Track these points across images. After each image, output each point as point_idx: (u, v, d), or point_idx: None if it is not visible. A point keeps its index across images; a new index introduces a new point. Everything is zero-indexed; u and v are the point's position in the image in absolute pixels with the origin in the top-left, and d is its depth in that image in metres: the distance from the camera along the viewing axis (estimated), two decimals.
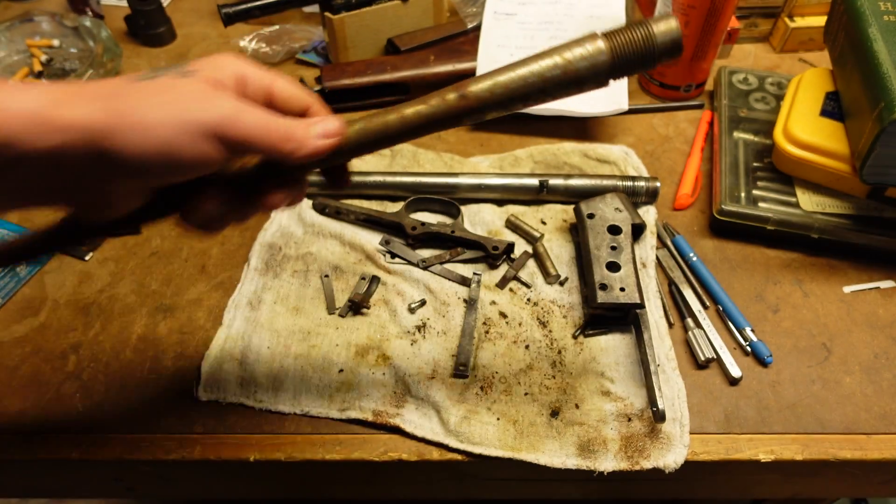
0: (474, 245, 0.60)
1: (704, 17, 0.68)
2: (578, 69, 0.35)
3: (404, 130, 0.37)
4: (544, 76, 0.36)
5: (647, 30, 0.35)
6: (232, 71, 0.35)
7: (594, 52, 0.35)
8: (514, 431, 0.49)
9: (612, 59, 0.35)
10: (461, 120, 0.37)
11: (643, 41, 0.35)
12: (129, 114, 0.30)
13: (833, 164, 0.59)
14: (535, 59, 0.36)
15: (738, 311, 0.55)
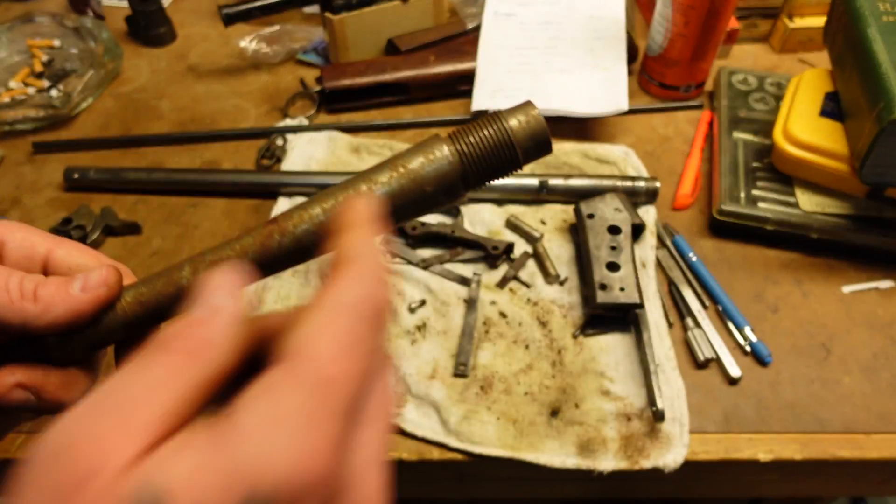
0: (474, 245, 0.60)
1: (704, 17, 0.68)
2: (425, 180, 0.27)
3: None
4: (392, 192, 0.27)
5: (500, 125, 0.28)
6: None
7: (439, 160, 0.27)
8: (514, 431, 0.49)
9: (463, 168, 0.27)
10: (280, 266, 0.29)
11: (498, 140, 0.27)
12: None
13: (832, 164, 0.59)
14: (350, 186, 0.28)
15: (737, 311, 0.56)
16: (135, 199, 0.68)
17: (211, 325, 0.20)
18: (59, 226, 0.63)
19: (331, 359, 0.19)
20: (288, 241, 0.28)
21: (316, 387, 0.18)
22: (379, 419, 0.21)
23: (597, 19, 0.77)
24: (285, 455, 0.16)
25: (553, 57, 0.75)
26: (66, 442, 0.17)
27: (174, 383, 0.19)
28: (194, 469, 0.16)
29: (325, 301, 0.20)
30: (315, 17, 0.90)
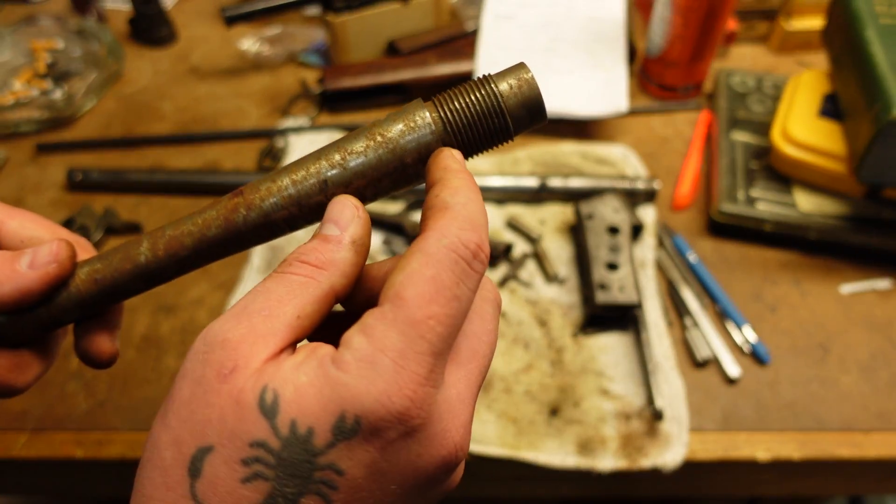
0: None
1: (703, 19, 0.69)
2: (405, 151, 0.25)
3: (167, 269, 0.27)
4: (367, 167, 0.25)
5: (490, 89, 0.25)
6: None
7: (421, 128, 0.25)
8: (514, 430, 0.49)
9: (447, 138, 0.25)
10: (246, 243, 0.27)
11: (488, 106, 0.25)
12: None
13: (830, 164, 0.59)
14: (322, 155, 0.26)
15: (736, 311, 0.56)
16: (136, 199, 0.68)
17: (337, 244, 0.23)
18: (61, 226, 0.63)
19: (421, 303, 0.21)
20: (254, 215, 0.25)
21: (407, 329, 0.20)
22: (472, 363, 0.23)
23: (596, 21, 0.77)
24: (375, 389, 0.19)
25: (553, 58, 0.75)
26: (221, 337, 0.21)
27: (304, 292, 0.22)
28: (306, 385, 0.20)
29: (420, 247, 0.22)
30: (316, 19, 0.91)
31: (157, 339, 0.56)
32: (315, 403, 0.20)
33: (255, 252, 0.61)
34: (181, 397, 0.21)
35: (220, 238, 0.26)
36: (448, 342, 0.21)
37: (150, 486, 0.20)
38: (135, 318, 0.57)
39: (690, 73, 0.75)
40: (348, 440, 0.19)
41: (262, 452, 0.19)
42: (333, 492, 0.20)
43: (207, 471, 0.20)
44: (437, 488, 0.23)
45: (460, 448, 0.22)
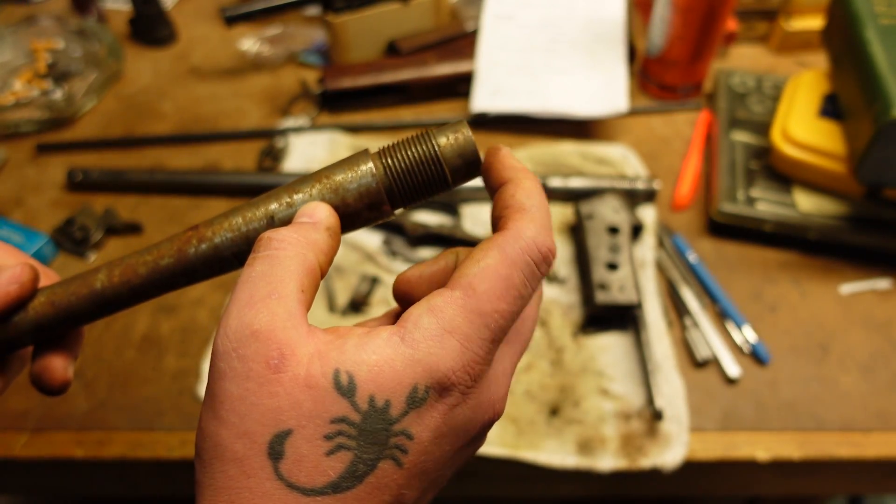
0: (474, 245, 0.60)
1: (702, 19, 0.69)
2: (347, 193, 0.27)
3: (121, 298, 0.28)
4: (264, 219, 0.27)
5: (430, 144, 0.27)
6: None
7: (364, 174, 0.27)
8: (514, 430, 0.49)
9: (388, 184, 0.27)
10: (196, 275, 0.29)
11: (426, 160, 0.27)
12: None
13: (830, 164, 0.59)
14: (273, 197, 0.27)
15: (736, 311, 0.56)
16: (137, 199, 0.68)
17: (316, 229, 0.26)
18: (62, 226, 0.63)
19: (492, 298, 0.23)
20: (205, 247, 0.27)
21: (474, 317, 0.23)
22: (516, 343, 0.26)
23: (596, 21, 0.77)
24: (446, 361, 0.22)
25: (552, 58, 0.75)
26: (249, 331, 0.22)
27: (299, 267, 0.24)
28: (375, 362, 0.22)
29: (498, 244, 0.25)
30: (316, 19, 0.91)
31: (158, 339, 0.56)
32: (391, 378, 0.22)
33: None
34: (231, 395, 0.22)
35: (171, 268, 0.28)
36: (506, 332, 0.24)
37: (226, 478, 0.22)
38: (135, 319, 0.57)
39: (690, 73, 0.75)
40: (419, 408, 0.22)
41: (344, 426, 0.21)
42: (404, 455, 0.22)
43: (290, 451, 0.21)
44: (473, 446, 0.26)
45: (498, 413, 0.25)
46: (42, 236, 0.61)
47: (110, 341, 0.56)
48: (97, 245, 0.63)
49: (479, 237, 0.61)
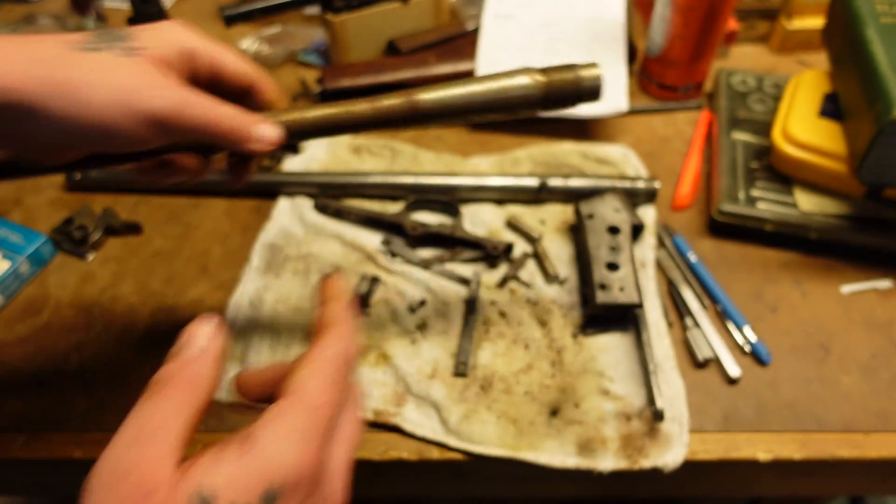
0: (474, 245, 0.60)
1: (703, 18, 0.69)
2: (515, 97, 0.41)
3: (349, 125, 0.40)
4: (486, 97, 0.41)
5: (575, 74, 0.42)
6: (180, 47, 0.35)
7: (531, 84, 0.42)
8: (514, 430, 0.49)
9: (545, 94, 0.42)
10: (406, 124, 0.41)
11: (571, 83, 0.42)
12: (68, 86, 0.30)
13: (831, 164, 0.59)
14: (480, 80, 0.41)
15: (736, 311, 0.56)
16: (136, 199, 0.68)
17: (201, 363, 0.27)
18: (60, 226, 0.63)
19: (319, 393, 0.27)
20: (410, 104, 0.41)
21: (309, 412, 0.26)
22: (348, 438, 0.30)
23: (596, 21, 0.77)
24: (290, 458, 0.25)
25: (553, 58, 0.75)
26: (120, 468, 0.24)
27: (184, 410, 0.26)
28: (229, 473, 0.24)
29: (315, 354, 0.29)
30: (316, 19, 0.91)
31: (157, 339, 0.55)
32: (246, 483, 0.24)
33: (255, 253, 0.61)
34: None
35: (387, 116, 0.40)
36: (336, 422, 0.28)
37: None
38: (134, 319, 0.57)
39: (691, 72, 0.75)
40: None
41: None
42: None
43: None
44: None
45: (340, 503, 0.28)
46: (41, 236, 0.61)
47: (109, 342, 0.55)
48: (96, 245, 0.63)
49: (479, 237, 0.61)
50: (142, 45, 0.33)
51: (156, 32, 0.35)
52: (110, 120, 0.31)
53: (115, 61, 0.32)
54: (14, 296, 0.59)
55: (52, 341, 0.56)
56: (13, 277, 0.59)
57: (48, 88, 0.30)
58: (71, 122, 0.31)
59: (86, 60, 0.31)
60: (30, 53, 0.30)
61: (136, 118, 0.32)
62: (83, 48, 0.31)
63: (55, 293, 0.59)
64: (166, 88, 0.33)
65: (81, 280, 0.60)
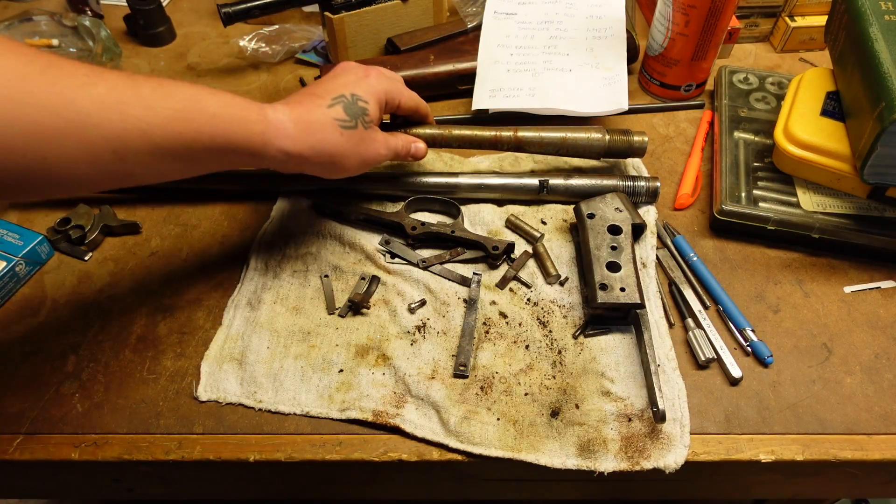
0: (474, 245, 0.60)
1: (705, 16, 0.68)
2: (586, 146, 0.62)
3: (473, 145, 0.63)
4: (567, 142, 0.62)
5: (630, 139, 0.62)
6: (382, 98, 0.54)
7: (601, 139, 0.62)
8: (514, 431, 0.48)
9: (607, 148, 0.62)
10: (509, 150, 0.64)
11: (626, 143, 0.62)
12: (333, 159, 0.50)
13: (834, 163, 0.59)
14: (566, 129, 0.62)
15: (738, 312, 0.55)
16: (134, 198, 0.68)
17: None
18: (57, 225, 0.63)
19: None
20: None
21: None
22: None
23: (597, 18, 0.77)
24: None
25: (553, 56, 0.75)
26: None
27: None
28: None
29: None
30: (315, 16, 0.90)
31: (155, 339, 0.55)
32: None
33: (254, 253, 0.61)
34: None
35: (494, 143, 0.64)
36: None
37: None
38: (131, 319, 0.57)
39: (692, 71, 0.74)
40: None
41: None
42: None
43: None
44: None
45: None
46: (37, 236, 0.61)
47: (107, 342, 0.55)
48: (94, 245, 0.62)
49: (479, 236, 0.60)
50: (371, 114, 0.52)
51: (370, 89, 0.53)
52: (357, 170, 0.53)
53: (362, 138, 0.51)
54: (11, 296, 0.59)
55: (49, 341, 0.55)
56: (10, 277, 0.58)
57: (321, 159, 0.50)
58: (323, 175, 0.52)
59: (346, 139, 0.50)
60: (311, 132, 0.48)
61: (363, 168, 0.53)
62: (344, 127, 0.50)
63: (52, 293, 0.59)
64: (382, 147, 0.54)
65: (79, 280, 0.60)
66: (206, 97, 0.43)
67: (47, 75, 0.36)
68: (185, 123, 0.41)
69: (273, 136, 0.46)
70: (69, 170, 0.37)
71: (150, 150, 0.40)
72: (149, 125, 0.39)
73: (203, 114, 0.42)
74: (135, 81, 0.40)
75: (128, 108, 0.38)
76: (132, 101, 0.39)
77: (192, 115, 0.42)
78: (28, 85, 0.35)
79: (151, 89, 0.40)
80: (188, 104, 0.42)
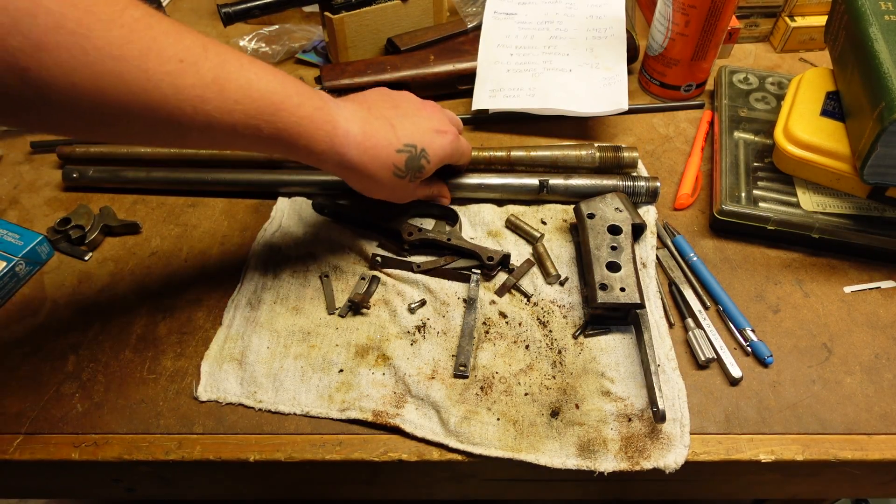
0: (470, 254, 0.59)
1: (705, 16, 0.68)
2: (578, 163, 0.66)
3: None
4: (560, 160, 0.65)
5: (619, 154, 0.66)
6: (447, 163, 0.58)
7: (591, 156, 0.66)
8: (514, 432, 0.48)
9: (599, 164, 0.65)
10: (494, 168, 0.66)
11: (615, 159, 0.66)
12: (372, 190, 0.54)
13: (834, 163, 0.59)
14: (559, 148, 0.65)
15: (738, 312, 0.55)
16: (133, 198, 0.68)
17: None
18: (57, 225, 0.63)
19: None
20: None
21: None
22: None
23: (597, 18, 0.77)
24: None
25: (553, 56, 0.75)
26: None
27: None
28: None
29: None
30: (315, 17, 0.90)
31: (154, 339, 0.55)
32: None
33: (254, 253, 0.61)
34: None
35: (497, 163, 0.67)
36: None
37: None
38: (131, 319, 0.57)
39: (692, 71, 0.74)
40: None
41: None
42: None
43: None
44: None
45: None
46: (37, 236, 0.61)
47: (107, 342, 0.55)
48: (94, 245, 0.62)
49: (475, 246, 0.60)
50: (425, 173, 0.54)
51: (440, 151, 0.54)
52: (371, 196, 0.56)
53: (404, 186, 0.54)
54: (11, 296, 0.59)
55: (48, 342, 0.55)
56: (10, 277, 0.58)
57: (359, 182, 0.53)
58: (350, 184, 0.54)
59: (391, 183, 0.52)
60: (369, 158, 0.50)
61: (387, 199, 0.56)
62: (396, 175, 0.52)
63: (52, 293, 0.59)
64: (414, 195, 0.58)
65: (79, 280, 0.60)
66: (281, 90, 0.43)
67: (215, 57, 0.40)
68: (258, 119, 0.42)
69: (339, 144, 0.47)
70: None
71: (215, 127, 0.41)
72: (227, 115, 0.41)
73: (281, 110, 0.43)
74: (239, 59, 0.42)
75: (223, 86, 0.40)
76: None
77: (268, 109, 0.42)
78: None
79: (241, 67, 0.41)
80: (267, 96, 0.42)
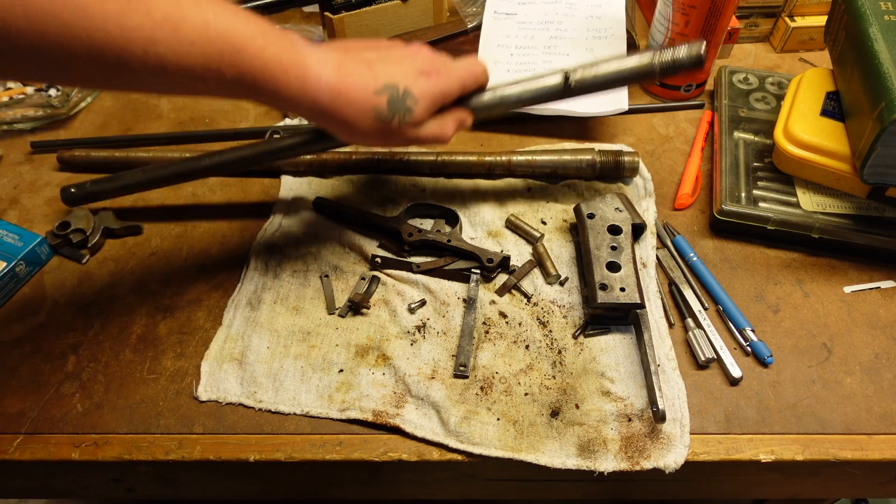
0: (470, 256, 0.59)
1: (705, 16, 0.68)
2: (578, 167, 0.65)
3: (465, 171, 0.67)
4: (560, 163, 0.65)
5: (620, 158, 0.64)
6: (442, 103, 0.51)
7: (590, 160, 0.64)
8: (515, 432, 0.49)
9: (600, 168, 0.64)
10: (495, 174, 0.66)
11: (615, 163, 0.64)
12: (356, 136, 0.49)
13: (833, 163, 0.59)
14: (558, 152, 0.65)
15: (738, 312, 0.55)
16: (134, 198, 0.68)
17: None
18: (56, 229, 0.62)
19: None
20: None
21: None
22: None
23: (597, 18, 0.77)
24: None
25: (553, 56, 0.75)
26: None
27: None
28: None
29: None
30: (315, 16, 0.90)
31: (154, 339, 0.55)
32: None
33: (254, 253, 0.61)
34: None
35: None
36: None
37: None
38: (131, 319, 0.57)
39: (692, 71, 0.74)
40: None
41: None
42: None
43: None
44: None
45: None
46: (37, 237, 0.61)
47: (107, 342, 0.55)
48: (94, 246, 0.62)
49: (475, 247, 0.60)
50: (415, 117, 0.48)
51: (427, 91, 0.49)
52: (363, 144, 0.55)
53: (391, 131, 0.48)
54: (11, 296, 0.59)
55: (49, 342, 0.55)
56: (10, 278, 0.58)
57: (340, 129, 0.48)
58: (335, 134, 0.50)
59: (374, 128, 0.48)
60: (345, 102, 0.46)
61: (380, 147, 0.54)
62: (379, 119, 0.47)
63: (52, 293, 0.59)
64: (407, 140, 0.50)
65: (79, 280, 0.60)
66: (243, 30, 0.40)
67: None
68: (218, 61, 0.39)
69: (310, 89, 0.44)
70: None
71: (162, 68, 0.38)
72: (176, 53, 0.38)
73: (242, 52, 0.40)
74: None
75: None
76: None
77: (228, 51, 0.39)
78: None
79: None
80: (226, 38, 0.39)
